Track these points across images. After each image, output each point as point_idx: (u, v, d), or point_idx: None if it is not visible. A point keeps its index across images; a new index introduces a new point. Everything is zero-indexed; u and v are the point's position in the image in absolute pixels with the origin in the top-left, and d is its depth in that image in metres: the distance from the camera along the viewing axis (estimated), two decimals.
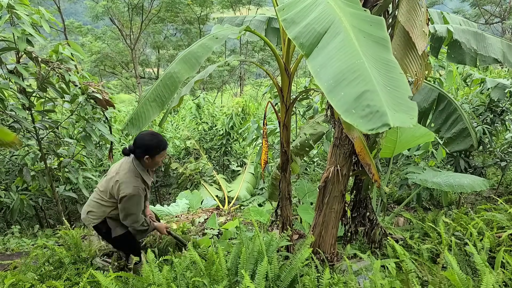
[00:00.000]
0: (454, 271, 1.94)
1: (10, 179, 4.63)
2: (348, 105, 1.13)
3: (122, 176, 2.34)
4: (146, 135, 2.40)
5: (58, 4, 15.86)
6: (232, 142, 7.81)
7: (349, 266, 2.19)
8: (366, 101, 1.10)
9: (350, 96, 1.13)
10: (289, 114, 2.53)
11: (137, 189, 2.32)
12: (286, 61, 2.38)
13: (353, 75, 1.17)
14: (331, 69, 1.22)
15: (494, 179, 6.14)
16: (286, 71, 2.41)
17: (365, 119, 1.07)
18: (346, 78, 1.18)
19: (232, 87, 25.33)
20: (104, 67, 21.42)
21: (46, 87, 3.95)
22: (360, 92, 1.12)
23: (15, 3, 3.35)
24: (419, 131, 3.43)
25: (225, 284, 1.98)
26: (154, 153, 2.39)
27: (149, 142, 2.37)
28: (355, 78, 1.16)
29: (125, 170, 2.37)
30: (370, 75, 1.15)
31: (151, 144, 2.37)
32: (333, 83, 1.19)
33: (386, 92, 1.12)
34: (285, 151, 2.61)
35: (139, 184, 2.35)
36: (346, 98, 1.14)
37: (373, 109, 1.07)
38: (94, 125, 4.38)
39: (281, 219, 2.82)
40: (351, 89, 1.15)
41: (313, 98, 5.19)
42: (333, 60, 1.24)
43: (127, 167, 2.38)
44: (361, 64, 1.18)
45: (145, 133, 2.42)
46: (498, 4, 19.81)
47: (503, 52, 2.84)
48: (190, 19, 20.09)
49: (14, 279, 2.35)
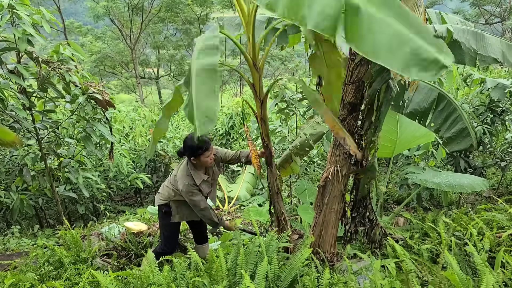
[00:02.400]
0: (454, 271, 1.94)
1: (10, 179, 4.63)
2: (405, 62, 1.29)
3: (179, 173, 2.68)
4: (189, 139, 2.63)
5: (58, 4, 15.87)
6: (232, 142, 7.81)
7: (349, 266, 2.19)
8: (418, 56, 1.27)
9: (404, 55, 1.29)
10: (264, 108, 2.51)
11: (186, 186, 2.60)
12: (253, 56, 2.37)
13: (396, 38, 1.33)
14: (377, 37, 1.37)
15: (494, 179, 6.14)
16: (254, 66, 2.38)
17: (424, 70, 1.24)
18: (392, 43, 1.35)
19: (232, 87, 25.34)
20: (104, 67, 21.44)
21: (46, 87, 3.95)
22: (410, 50, 1.29)
23: (16, 3, 3.36)
24: (419, 131, 3.43)
25: (225, 284, 1.98)
26: (198, 154, 2.59)
27: (191, 145, 2.59)
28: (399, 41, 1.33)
29: (180, 168, 2.71)
30: (409, 34, 1.31)
31: (193, 147, 2.58)
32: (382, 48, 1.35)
33: (427, 42, 1.29)
34: (266, 144, 2.61)
35: (188, 181, 2.62)
36: (401, 57, 1.30)
37: (428, 60, 1.26)
38: (95, 126, 4.39)
39: (275, 216, 2.82)
40: (402, 49, 1.31)
41: None
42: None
43: (182, 166, 2.72)
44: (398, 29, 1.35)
45: (189, 137, 2.65)
46: (498, 4, 19.82)
47: (502, 52, 2.84)
48: (190, 19, 20.11)
49: (14, 279, 2.35)
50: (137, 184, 6.37)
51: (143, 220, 4.33)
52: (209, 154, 2.63)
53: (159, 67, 23.24)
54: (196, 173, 2.67)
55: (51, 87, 3.96)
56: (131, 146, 7.35)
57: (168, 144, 7.79)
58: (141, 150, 7.27)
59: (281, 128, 5.74)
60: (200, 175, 2.70)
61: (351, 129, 2.58)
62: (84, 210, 5.61)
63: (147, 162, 7.39)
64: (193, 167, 2.68)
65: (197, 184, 2.65)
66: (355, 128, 2.59)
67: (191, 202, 2.67)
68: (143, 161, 7.26)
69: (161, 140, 7.73)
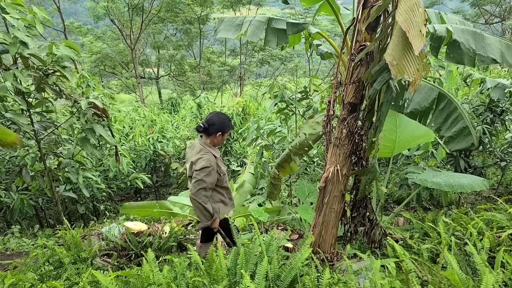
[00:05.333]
0: (454, 271, 1.94)
1: (10, 179, 4.63)
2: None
3: (197, 155, 2.67)
4: (221, 114, 2.78)
5: (58, 4, 15.84)
6: (232, 142, 7.81)
7: (349, 266, 2.19)
8: None
9: None
10: None
11: (208, 161, 2.61)
12: None
13: None
14: None
15: (494, 179, 6.14)
16: None
17: None
18: None
19: (232, 87, 25.33)
20: (104, 67, 21.42)
21: (43, 87, 3.92)
22: None
23: (7, 5, 3.30)
24: (419, 131, 3.42)
25: (225, 284, 1.98)
26: (226, 130, 2.76)
27: (224, 120, 2.74)
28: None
29: (197, 149, 2.71)
30: None
31: (225, 122, 2.74)
32: None
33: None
34: None
35: (210, 157, 2.65)
36: None
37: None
38: (93, 127, 4.35)
39: None
40: None
41: (312, 98, 5.18)
42: None
43: (198, 148, 2.73)
44: None
45: (219, 113, 2.79)
46: (498, 4, 19.80)
47: (501, 52, 2.84)
48: (190, 19, 20.09)
49: (14, 279, 2.35)
50: (137, 184, 6.37)
51: (143, 220, 4.33)
52: (228, 133, 2.82)
53: (159, 67, 23.22)
54: (213, 150, 2.75)
55: (48, 87, 3.93)
56: (131, 146, 7.35)
57: (168, 144, 7.80)
58: (141, 150, 7.28)
59: (281, 128, 5.74)
60: (217, 151, 2.80)
61: (351, 129, 2.59)
62: (84, 210, 5.61)
63: (147, 162, 7.39)
64: (209, 145, 2.75)
65: (217, 156, 2.73)
66: (355, 128, 2.59)
67: (199, 184, 2.56)
68: (143, 161, 7.27)
69: (161, 140, 7.73)
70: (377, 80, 2.23)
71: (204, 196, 2.59)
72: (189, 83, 21.53)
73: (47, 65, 3.75)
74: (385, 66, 2.09)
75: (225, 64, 22.88)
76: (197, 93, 20.20)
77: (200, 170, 2.56)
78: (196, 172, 2.58)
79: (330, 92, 3.87)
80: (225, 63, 23.02)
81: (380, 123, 2.35)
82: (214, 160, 2.66)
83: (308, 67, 20.80)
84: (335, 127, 2.74)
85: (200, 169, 2.56)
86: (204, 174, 2.56)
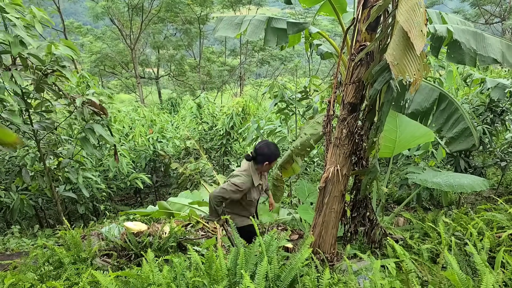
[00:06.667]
0: (454, 271, 1.94)
1: (10, 179, 4.63)
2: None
3: (238, 172, 2.91)
4: (271, 146, 2.93)
5: (57, 4, 15.84)
6: (232, 142, 7.81)
7: (349, 266, 2.18)
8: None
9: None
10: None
11: (243, 184, 2.81)
12: None
13: None
14: None
15: (494, 179, 6.14)
16: None
17: None
18: None
19: (232, 87, 25.33)
20: (104, 67, 21.41)
21: (42, 87, 3.91)
22: None
23: (6, 5, 3.29)
24: (419, 131, 3.42)
25: (225, 284, 1.98)
26: (273, 160, 2.91)
27: (273, 152, 2.90)
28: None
29: (242, 169, 2.93)
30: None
31: (274, 153, 2.91)
32: None
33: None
34: None
35: (247, 180, 2.85)
36: None
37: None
38: (93, 127, 4.34)
39: None
40: None
41: (313, 98, 5.18)
42: None
43: (243, 167, 2.93)
44: None
45: (269, 144, 2.95)
46: (498, 4, 19.81)
47: (502, 52, 2.84)
48: (190, 19, 20.08)
49: (14, 279, 2.35)
50: (137, 184, 6.36)
51: (143, 220, 4.33)
52: (275, 162, 3.02)
53: (159, 67, 23.21)
54: (255, 176, 2.92)
55: (47, 87, 3.93)
56: (131, 146, 7.35)
57: (168, 144, 7.79)
58: (141, 150, 7.27)
59: (281, 128, 5.74)
60: (258, 179, 2.96)
61: (351, 129, 2.58)
62: (84, 210, 5.61)
63: (147, 162, 7.38)
64: (255, 171, 2.92)
65: (255, 185, 2.90)
66: (355, 128, 2.59)
67: (223, 192, 2.80)
68: (143, 161, 7.26)
69: (161, 140, 7.73)
70: (377, 80, 2.23)
71: (220, 201, 2.85)
72: (189, 83, 21.53)
73: (46, 65, 3.74)
74: (386, 66, 2.09)
75: (225, 64, 22.87)
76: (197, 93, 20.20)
77: (231, 184, 2.80)
78: (228, 182, 2.83)
79: (330, 92, 3.87)
80: (225, 63, 23.01)
81: (381, 123, 2.35)
82: (249, 186, 2.86)
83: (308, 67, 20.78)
84: (335, 127, 2.74)
85: (232, 184, 2.79)
86: (231, 190, 2.79)
